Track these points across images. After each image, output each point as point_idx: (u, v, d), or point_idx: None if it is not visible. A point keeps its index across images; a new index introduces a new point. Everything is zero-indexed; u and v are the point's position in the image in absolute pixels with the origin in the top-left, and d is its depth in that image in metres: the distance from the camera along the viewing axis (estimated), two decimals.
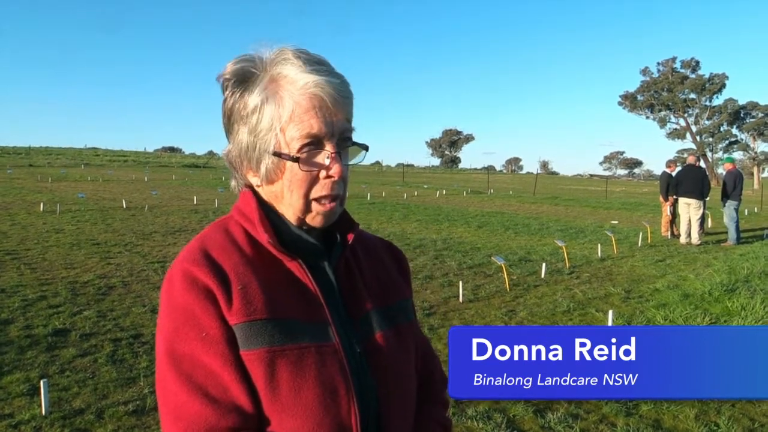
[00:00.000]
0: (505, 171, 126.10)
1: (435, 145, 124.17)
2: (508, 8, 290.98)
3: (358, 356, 0.99)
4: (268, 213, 1.01)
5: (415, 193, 27.45)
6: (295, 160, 0.94)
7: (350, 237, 1.05)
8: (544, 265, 8.52)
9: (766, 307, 6.19)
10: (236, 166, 1.03)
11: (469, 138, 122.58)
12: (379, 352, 1.02)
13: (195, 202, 17.98)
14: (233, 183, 1.07)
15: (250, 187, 1.04)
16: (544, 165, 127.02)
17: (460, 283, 6.97)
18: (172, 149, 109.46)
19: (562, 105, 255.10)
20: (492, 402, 3.94)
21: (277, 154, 0.95)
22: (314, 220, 0.99)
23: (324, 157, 0.95)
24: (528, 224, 15.27)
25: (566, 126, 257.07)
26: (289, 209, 0.99)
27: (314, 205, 0.98)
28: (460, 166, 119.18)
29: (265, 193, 1.02)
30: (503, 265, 7.43)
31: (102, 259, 8.46)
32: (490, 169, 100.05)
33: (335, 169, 0.95)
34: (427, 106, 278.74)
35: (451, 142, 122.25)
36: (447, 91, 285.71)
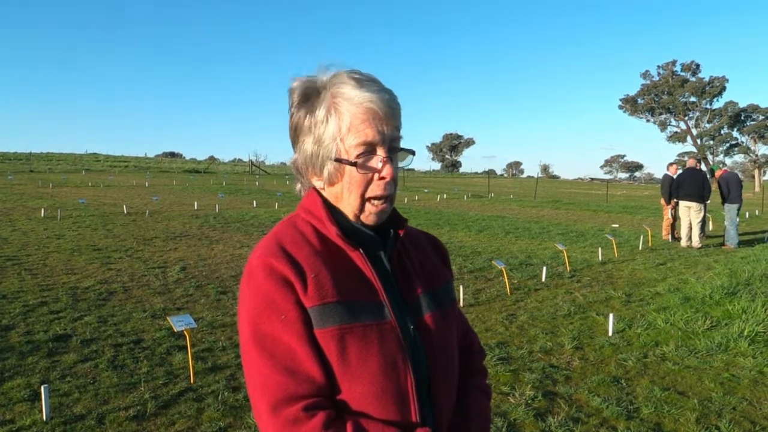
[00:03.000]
0: (505, 175, 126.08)
1: (435, 150, 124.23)
2: (509, 11, 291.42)
3: (412, 332, 1.15)
4: (331, 210, 1.17)
5: (416, 198, 27.45)
6: (353, 164, 1.10)
7: (401, 232, 1.22)
8: (544, 268, 8.51)
9: (767, 310, 6.18)
10: (302, 171, 1.20)
11: (469, 142, 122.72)
12: (429, 330, 1.18)
13: (196, 208, 18.00)
14: (298, 186, 1.25)
15: (314, 188, 1.21)
16: (545, 169, 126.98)
17: (461, 287, 6.96)
18: (172, 155, 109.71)
19: (562, 109, 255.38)
20: (492, 406, 3.94)
21: (338, 160, 1.11)
22: (368, 218, 1.15)
23: (377, 161, 1.11)
24: (529, 228, 15.27)
25: (567, 130, 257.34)
26: (348, 207, 1.15)
27: (368, 206, 1.14)
28: (461, 170, 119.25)
29: (327, 194, 1.18)
30: (504, 269, 7.43)
31: (103, 264, 8.46)
32: (490, 173, 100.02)
33: (387, 171, 1.11)
34: (428, 110, 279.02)
35: (451, 146, 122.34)
36: (447, 95, 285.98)
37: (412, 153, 1.18)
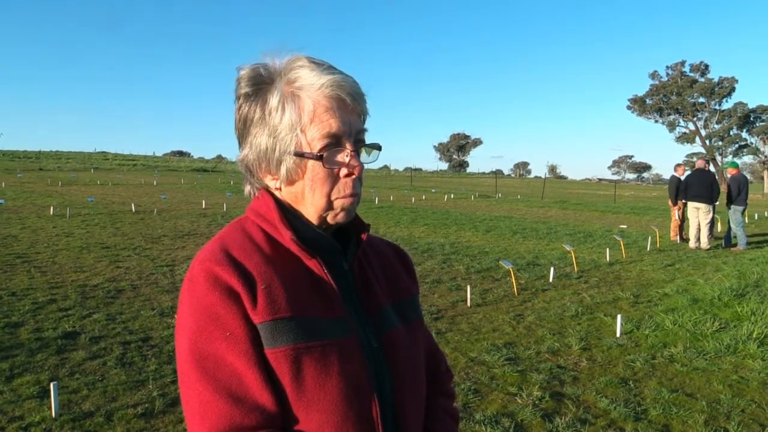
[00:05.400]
0: (513, 175, 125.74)
1: (443, 149, 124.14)
2: (516, 11, 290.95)
3: (375, 350, 1.02)
4: (286, 213, 1.02)
5: (423, 197, 27.44)
6: (319, 158, 0.96)
7: (363, 236, 1.08)
8: (552, 269, 8.49)
9: None
10: (252, 169, 1.04)
11: (477, 142, 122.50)
12: (395, 346, 1.05)
13: (203, 206, 18.06)
14: (247, 188, 1.08)
15: (266, 189, 1.06)
16: (553, 169, 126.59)
17: (468, 287, 6.96)
18: (180, 153, 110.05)
19: (570, 109, 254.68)
20: (500, 406, 3.93)
21: (300, 154, 0.97)
22: (336, 217, 1.01)
23: (344, 156, 0.98)
24: (536, 228, 15.23)
25: (575, 130, 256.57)
26: (311, 208, 1.01)
27: (336, 202, 1.00)
28: (468, 170, 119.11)
29: (284, 194, 1.03)
30: (511, 270, 7.41)
31: (111, 262, 8.51)
32: (498, 174, 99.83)
33: (356, 167, 0.98)
34: (435, 110, 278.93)
35: (459, 146, 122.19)
36: (455, 94, 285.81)
37: (378, 148, 1.04)
